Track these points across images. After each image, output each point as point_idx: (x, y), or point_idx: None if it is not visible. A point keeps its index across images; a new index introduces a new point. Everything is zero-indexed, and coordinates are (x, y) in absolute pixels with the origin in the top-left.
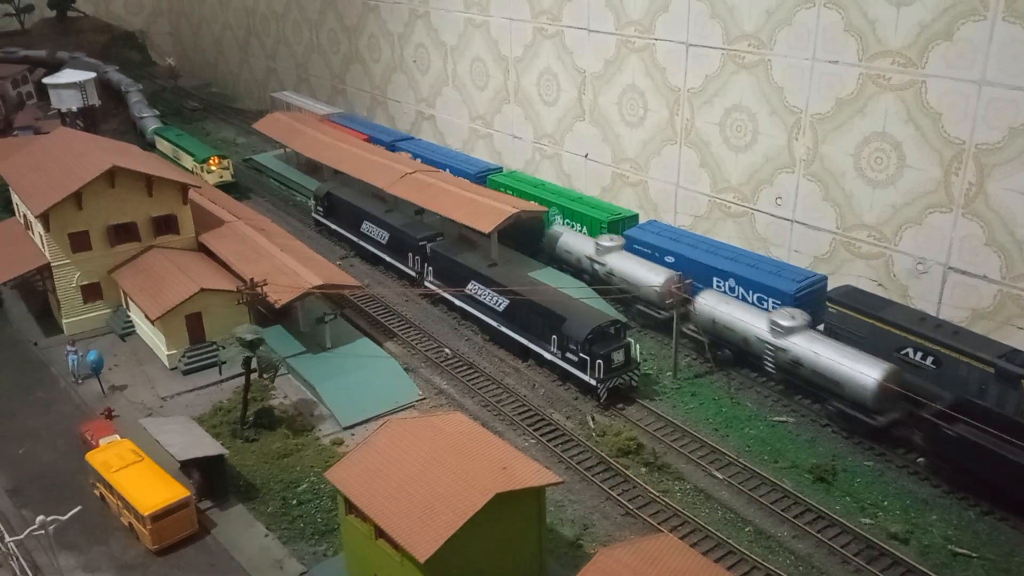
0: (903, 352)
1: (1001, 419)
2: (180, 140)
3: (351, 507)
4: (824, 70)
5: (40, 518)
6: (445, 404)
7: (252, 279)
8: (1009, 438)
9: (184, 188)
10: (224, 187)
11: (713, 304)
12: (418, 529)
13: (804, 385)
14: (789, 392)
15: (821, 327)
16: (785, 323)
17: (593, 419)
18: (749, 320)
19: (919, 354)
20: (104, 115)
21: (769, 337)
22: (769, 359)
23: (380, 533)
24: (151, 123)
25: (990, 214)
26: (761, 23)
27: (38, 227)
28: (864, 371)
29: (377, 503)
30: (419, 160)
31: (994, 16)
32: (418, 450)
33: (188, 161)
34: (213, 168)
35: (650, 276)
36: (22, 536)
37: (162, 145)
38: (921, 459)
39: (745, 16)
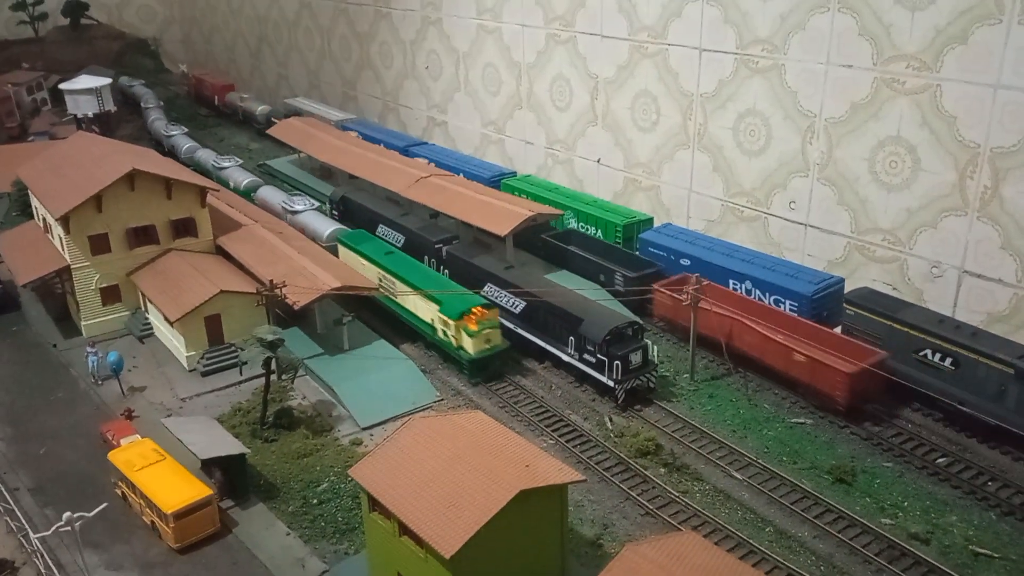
0: (921, 353)
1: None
2: (399, 266)
3: (375, 504)
4: (838, 74)
5: (67, 514)
6: (462, 405)
7: (271, 281)
8: None
9: (202, 191)
10: (488, 357)
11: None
12: (443, 526)
13: None
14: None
15: (839, 329)
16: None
17: (611, 420)
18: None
19: (937, 355)
20: (118, 121)
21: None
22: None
23: (404, 530)
24: (324, 225)
25: (1005, 218)
26: (775, 28)
27: (58, 230)
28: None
29: (401, 500)
30: (433, 164)
31: (1009, 20)
32: (441, 448)
33: (422, 309)
34: (473, 328)
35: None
36: (49, 532)
37: (349, 258)
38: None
39: (758, 21)
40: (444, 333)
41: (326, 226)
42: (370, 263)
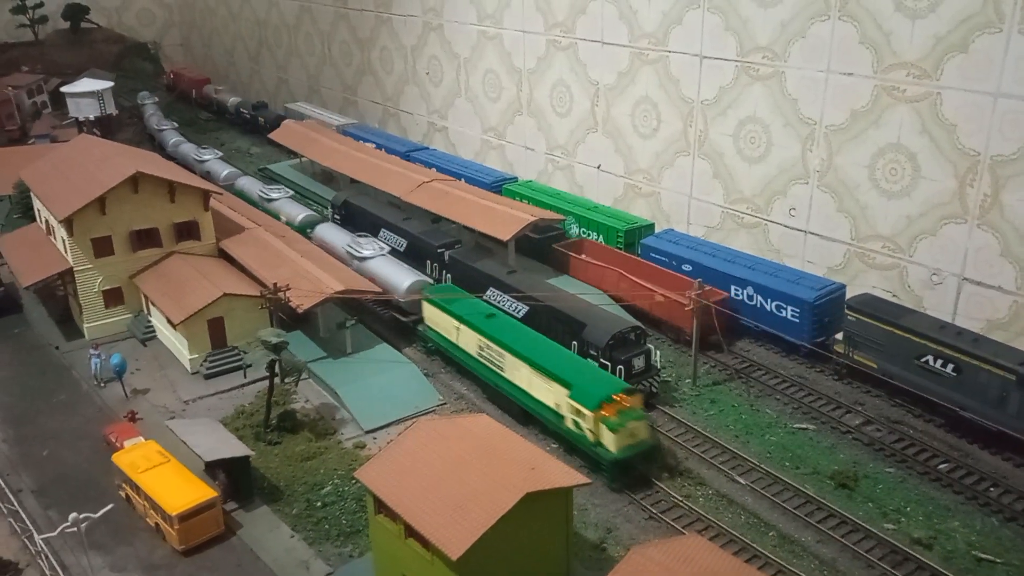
0: (923, 359)
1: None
2: (507, 334)
3: (381, 506)
4: (838, 82)
5: (73, 515)
6: (465, 408)
7: (275, 284)
8: None
9: (206, 194)
10: (634, 456)
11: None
12: (449, 528)
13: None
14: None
15: (840, 335)
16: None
17: None
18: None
19: (939, 361)
20: (120, 124)
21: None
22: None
23: (410, 532)
24: (403, 276)
25: (1005, 225)
26: (775, 35)
27: (61, 232)
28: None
29: (407, 502)
30: (434, 169)
31: (1010, 28)
32: (447, 450)
33: (541, 390)
34: (613, 419)
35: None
36: (55, 533)
37: (437, 318)
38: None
39: (759, 29)
40: (576, 424)
41: (405, 277)
42: (466, 327)
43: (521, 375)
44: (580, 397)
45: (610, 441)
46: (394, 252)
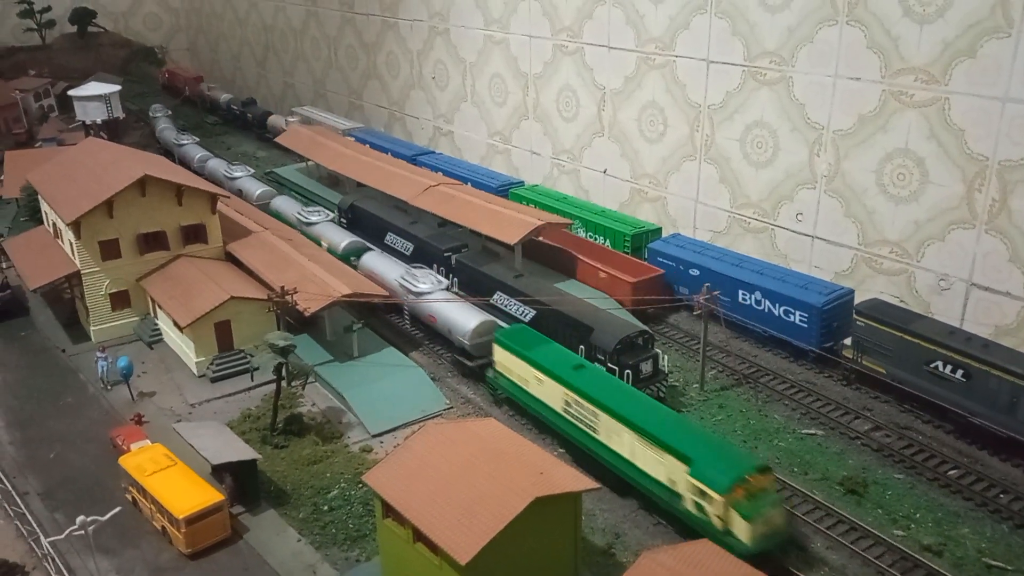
0: (932, 365)
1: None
2: (601, 390)
3: (388, 510)
4: (846, 87)
5: (80, 518)
6: (472, 413)
7: (282, 287)
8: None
9: (213, 198)
10: (767, 549)
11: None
12: (458, 532)
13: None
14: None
15: (849, 340)
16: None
17: None
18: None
19: (949, 367)
20: (126, 128)
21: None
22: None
23: (419, 536)
24: (467, 317)
25: (1013, 230)
26: (783, 40)
27: (68, 235)
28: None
29: (416, 506)
30: (440, 173)
31: (1018, 34)
32: (455, 454)
33: (648, 460)
34: (743, 504)
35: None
36: (62, 536)
37: (510, 364)
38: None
39: (766, 33)
40: (699, 507)
41: (471, 317)
42: (547, 377)
43: (622, 441)
44: (705, 477)
45: (744, 531)
46: (399, 255)
